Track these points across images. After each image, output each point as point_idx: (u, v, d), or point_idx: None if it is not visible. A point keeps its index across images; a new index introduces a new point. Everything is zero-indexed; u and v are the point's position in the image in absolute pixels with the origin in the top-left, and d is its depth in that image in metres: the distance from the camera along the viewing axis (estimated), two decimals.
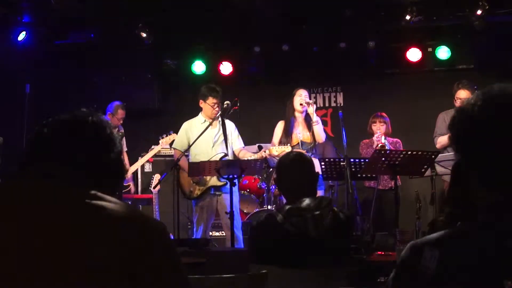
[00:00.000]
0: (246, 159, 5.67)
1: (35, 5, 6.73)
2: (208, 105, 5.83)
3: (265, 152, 5.77)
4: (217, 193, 5.74)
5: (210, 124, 5.76)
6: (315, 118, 5.88)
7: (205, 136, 5.81)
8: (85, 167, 1.41)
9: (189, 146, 5.78)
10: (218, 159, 5.69)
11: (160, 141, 6.66)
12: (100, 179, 1.43)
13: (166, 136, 6.71)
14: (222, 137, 5.89)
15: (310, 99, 6.09)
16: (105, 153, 1.47)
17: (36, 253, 1.26)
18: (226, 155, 5.81)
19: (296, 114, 6.06)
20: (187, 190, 5.84)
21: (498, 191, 1.22)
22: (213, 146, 5.85)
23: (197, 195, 5.77)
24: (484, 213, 1.23)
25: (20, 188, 1.38)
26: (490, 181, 1.24)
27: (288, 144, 5.82)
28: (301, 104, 6.00)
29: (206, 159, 5.69)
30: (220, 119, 5.93)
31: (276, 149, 5.69)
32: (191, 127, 5.91)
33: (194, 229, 5.90)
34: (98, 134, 1.48)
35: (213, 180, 5.66)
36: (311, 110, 5.90)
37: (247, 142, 6.35)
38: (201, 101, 5.91)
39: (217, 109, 5.82)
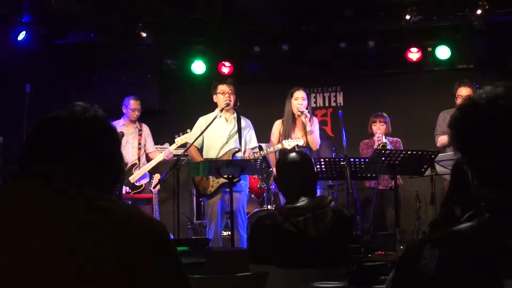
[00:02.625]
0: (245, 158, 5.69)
1: (35, 5, 6.73)
2: (220, 94, 5.84)
3: (272, 148, 5.80)
4: (228, 190, 5.73)
5: (220, 111, 5.77)
6: (308, 128, 5.84)
7: (220, 131, 5.85)
8: (84, 166, 1.41)
9: (199, 135, 5.78)
10: (230, 154, 5.70)
11: (176, 140, 6.48)
12: (100, 178, 1.43)
13: (183, 134, 6.53)
14: (236, 133, 5.89)
15: (308, 98, 6.05)
16: (103, 150, 1.47)
17: (35, 253, 1.26)
18: (239, 150, 5.81)
19: (295, 115, 6.03)
20: (200, 187, 5.84)
21: (498, 190, 1.22)
22: (226, 142, 5.86)
23: (210, 192, 5.77)
24: (485, 212, 1.23)
25: (20, 188, 1.38)
26: (490, 180, 1.23)
27: (300, 137, 5.81)
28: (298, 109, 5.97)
29: (218, 154, 5.72)
30: (235, 115, 5.94)
31: (289, 143, 5.70)
32: (207, 122, 5.90)
33: (207, 228, 5.90)
34: (95, 131, 1.47)
35: None
36: (305, 120, 5.86)
37: None
38: (214, 96, 5.92)
39: (227, 96, 5.82)
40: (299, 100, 5.91)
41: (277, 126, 6.10)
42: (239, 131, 5.89)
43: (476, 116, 1.26)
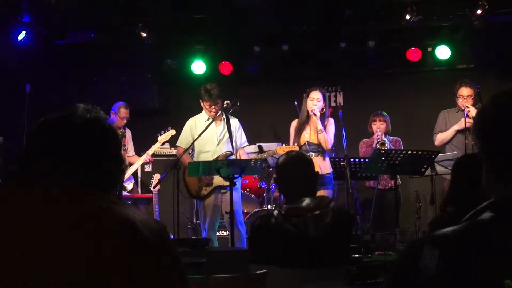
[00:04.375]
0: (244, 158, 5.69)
1: (35, 5, 6.73)
2: (206, 110, 5.84)
3: (266, 153, 5.78)
4: (222, 191, 5.73)
5: (213, 120, 5.75)
6: (319, 127, 5.83)
7: (210, 133, 5.81)
8: (84, 167, 1.41)
9: (192, 142, 5.77)
10: (224, 158, 5.68)
11: (159, 138, 6.66)
12: (99, 178, 1.43)
13: (165, 132, 6.70)
14: (227, 135, 5.85)
15: (325, 99, 6.02)
16: (104, 151, 1.47)
17: (35, 254, 1.26)
18: (232, 153, 5.79)
19: (309, 114, 6.00)
20: (193, 190, 5.82)
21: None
22: (218, 144, 5.83)
23: (203, 195, 5.76)
24: (486, 212, 1.23)
25: (20, 189, 1.37)
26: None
27: (296, 144, 5.80)
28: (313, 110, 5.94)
29: (210, 158, 5.68)
30: (224, 116, 5.91)
31: (283, 149, 5.68)
32: (196, 124, 5.88)
33: (202, 228, 5.90)
34: (96, 132, 1.47)
35: (219, 180, 5.56)
36: (315, 119, 5.84)
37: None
38: (200, 101, 5.91)
39: (213, 112, 5.78)
40: (314, 101, 5.87)
41: (292, 126, 6.07)
42: (229, 132, 5.87)
43: (504, 108, 1.25)
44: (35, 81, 6.61)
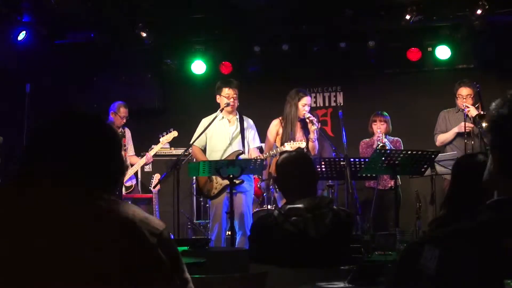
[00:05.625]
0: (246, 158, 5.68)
1: (35, 5, 6.73)
2: (224, 97, 5.82)
3: (275, 150, 5.77)
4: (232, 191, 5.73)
5: (221, 111, 5.74)
6: (312, 135, 5.81)
7: (223, 132, 5.82)
8: (85, 167, 1.41)
9: (201, 133, 5.77)
10: (234, 156, 5.69)
11: (161, 139, 6.66)
12: (100, 178, 1.43)
13: (167, 134, 6.70)
14: (239, 134, 5.86)
15: (310, 105, 6.01)
16: (105, 151, 1.47)
17: (36, 254, 1.26)
18: (242, 152, 5.79)
19: (298, 118, 5.99)
20: (203, 189, 5.82)
21: None
22: (230, 143, 5.83)
23: (214, 194, 5.76)
24: (485, 212, 1.23)
25: (20, 188, 1.38)
26: None
27: (303, 140, 5.78)
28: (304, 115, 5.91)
29: (222, 157, 5.69)
30: (238, 116, 5.92)
31: (291, 145, 5.65)
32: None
33: (210, 228, 5.89)
34: (97, 133, 1.47)
35: None
36: (313, 128, 5.81)
37: None
38: (217, 96, 5.90)
39: (231, 100, 5.79)
40: (306, 107, 5.87)
41: (275, 126, 6.04)
42: (242, 132, 5.87)
43: None
44: (35, 81, 6.60)
